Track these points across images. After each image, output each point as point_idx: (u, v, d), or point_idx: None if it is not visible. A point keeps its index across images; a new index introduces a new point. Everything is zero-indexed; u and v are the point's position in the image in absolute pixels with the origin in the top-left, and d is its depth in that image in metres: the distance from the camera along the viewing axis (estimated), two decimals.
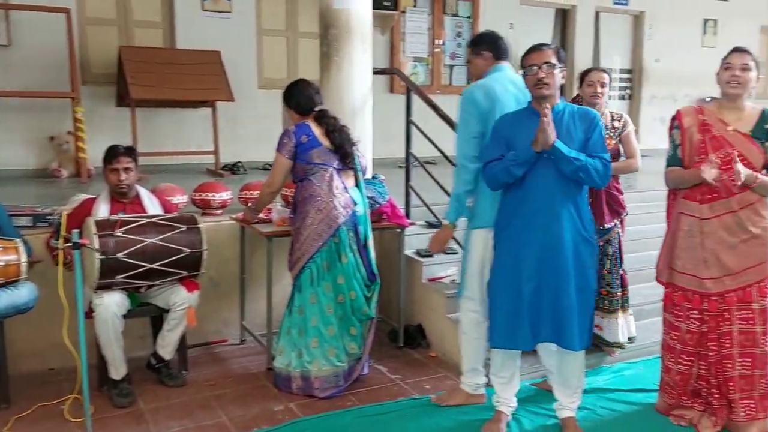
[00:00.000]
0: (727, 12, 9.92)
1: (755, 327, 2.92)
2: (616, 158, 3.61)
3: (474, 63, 3.30)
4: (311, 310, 3.40)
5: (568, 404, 3.02)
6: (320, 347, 3.40)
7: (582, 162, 2.72)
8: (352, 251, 3.44)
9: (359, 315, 3.48)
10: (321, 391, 3.38)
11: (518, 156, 2.76)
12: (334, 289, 3.43)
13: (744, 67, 2.85)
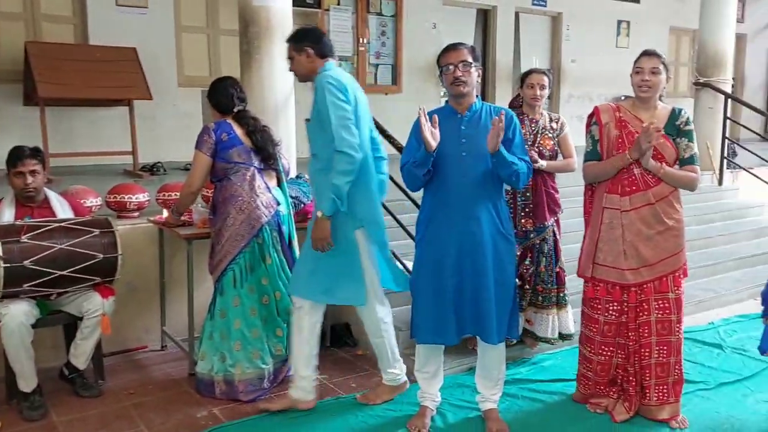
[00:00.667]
0: (639, 14, 10.40)
1: (671, 316, 3.07)
2: (554, 158, 3.71)
3: (297, 60, 3.09)
4: (234, 313, 3.34)
5: (490, 396, 3.09)
6: (244, 350, 3.34)
7: (518, 167, 2.80)
8: (276, 251, 3.40)
9: (284, 316, 3.44)
10: (245, 395, 3.32)
11: (416, 157, 2.81)
12: (258, 290, 3.38)
13: (654, 71, 2.99)
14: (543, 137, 3.64)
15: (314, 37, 3.07)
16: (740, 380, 3.57)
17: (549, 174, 3.67)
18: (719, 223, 6.39)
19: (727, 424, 3.09)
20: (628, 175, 3.02)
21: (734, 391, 3.45)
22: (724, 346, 4.09)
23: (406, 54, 8.20)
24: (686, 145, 3.05)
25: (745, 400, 3.35)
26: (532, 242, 3.65)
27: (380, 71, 8.15)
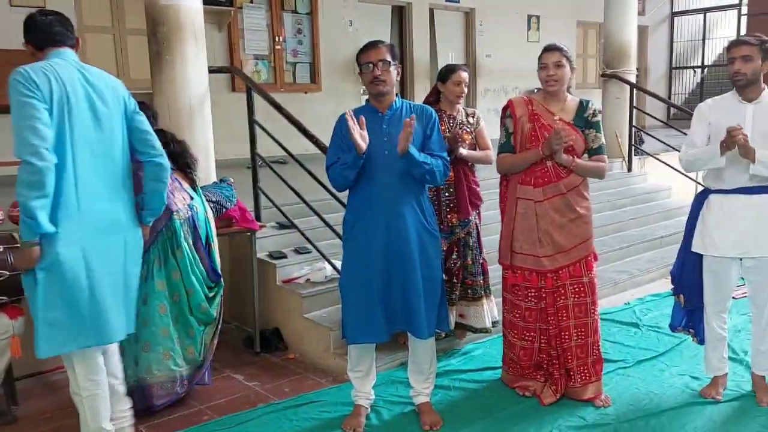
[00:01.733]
0: (548, 8, 10.75)
1: (586, 299, 3.20)
2: None
3: None
4: (143, 312, 3.14)
5: (422, 390, 3.12)
6: (153, 351, 3.18)
7: (430, 166, 2.82)
8: (187, 244, 3.24)
9: (198, 314, 3.31)
10: (157, 399, 3.18)
11: (346, 159, 2.79)
12: (169, 286, 3.22)
13: (557, 64, 3.10)
14: (461, 132, 3.69)
15: (27, 26, 2.56)
16: (656, 356, 3.76)
17: (470, 169, 3.73)
18: (630, 207, 6.70)
19: (646, 399, 3.24)
20: (541, 167, 3.13)
21: (651, 367, 3.63)
22: (640, 324, 4.30)
23: (324, 52, 8.15)
24: (594, 135, 3.18)
25: (662, 375, 3.53)
26: (457, 237, 3.70)
27: (298, 70, 8.06)
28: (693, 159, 3.05)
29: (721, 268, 3.11)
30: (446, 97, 3.69)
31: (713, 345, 3.23)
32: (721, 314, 3.20)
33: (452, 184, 3.64)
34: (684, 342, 3.86)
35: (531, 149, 3.13)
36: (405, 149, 2.72)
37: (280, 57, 7.86)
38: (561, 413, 3.12)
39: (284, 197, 4.39)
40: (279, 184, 4.32)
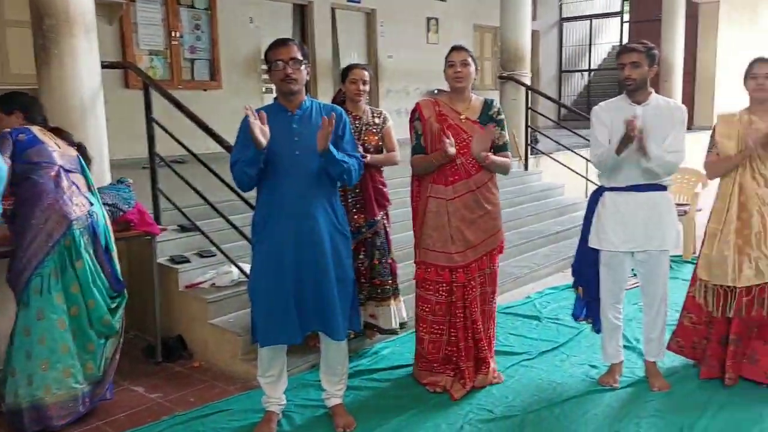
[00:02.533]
0: (446, 12, 11.01)
1: (487, 288, 3.37)
2: (379, 153, 3.76)
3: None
4: (39, 328, 2.94)
5: (335, 392, 3.09)
6: (53, 369, 2.97)
7: (347, 165, 2.80)
8: (88, 254, 3.06)
9: (99, 327, 3.12)
10: (57, 419, 2.97)
11: (245, 156, 2.72)
12: (67, 299, 3.01)
13: (464, 63, 3.20)
14: (367, 133, 3.70)
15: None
16: (557, 347, 3.94)
17: (376, 169, 3.74)
18: (527, 204, 6.98)
19: (550, 389, 3.38)
20: (451, 165, 3.22)
21: (553, 358, 3.79)
22: (540, 317, 4.49)
23: (224, 49, 7.92)
24: (500, 133, 3.30)
25: (563, 364, 3.69)
26: (364, 237, 3.70)
27: (197, 66, 7.78)
28: (602, 159, 3.21)
29: (615, 262, 3.30)
30: (348, 97, 3.68)
31: (609, 334, 3.42)
32: (616, 305, 3.39)
33: (358, 185, 3.64)
34: (582, 332, 4.06)
35: (440, 151, 3.19)
36: (325, 147, 2.69)
37: (177, 53, 7.55)
38: (471, 407, 3.19)
39: (186, 198, 4.22)
40: (180, 184, 4.15)
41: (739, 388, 3.27)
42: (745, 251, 3.19)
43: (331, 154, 2.73)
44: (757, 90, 3.19)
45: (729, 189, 3.25)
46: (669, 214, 3.25)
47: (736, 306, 3.22)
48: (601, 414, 3.11)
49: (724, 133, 3.29)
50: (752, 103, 3.26)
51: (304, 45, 2.91)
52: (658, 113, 3.17)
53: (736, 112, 3.31)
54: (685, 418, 3.02)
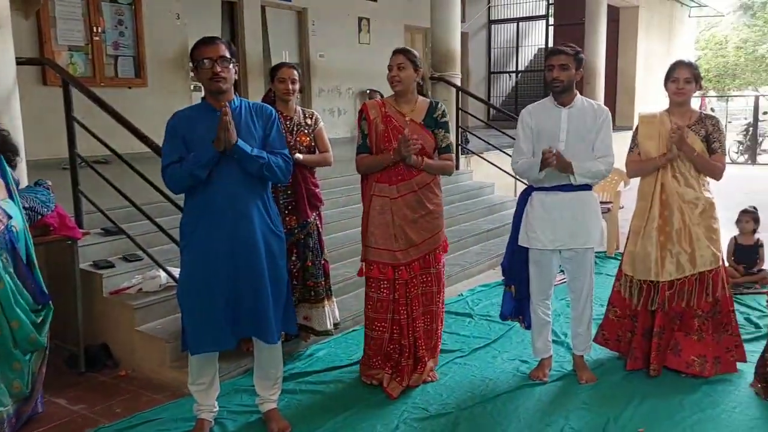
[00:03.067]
0: (377, 12, 11.04)
1: (432, 288, 3.41)
2: (313, 153, 3.72)
3: None
4: None
5: (269, 397, 3.04)
6: None
7: (265, 160, 2.74)
8: (8, 275, 2.89)
9: (25, 345, 2.96)
10: None
11: (200, 157, 2.65)
12: None
13: (400, 66, 3.23)
14: (299, 134, 3.66)
15: None
16: (489, 344, 4.01)
17: (309, 170, 3.71)
18: (459, 203, 7.10)
19: (483, 385, 3.44)
20: (395, 166, 3.26)
21: (485, 354, 3.86)
22: (473, 314, 4.56)
23: (150, 45, 7.66)
24: (443, 135, 3.35)
25: (495, 361, 3.77)
26: (296, 238, 3.65)
27: (121, 63, 7.49)
28: (522, 169, 3.32)
29: (544, 260, 3.39)
30: (278, 96, 3.64)
31: (539, 330, 3.51)
32: (545, 301, 3.49)
33: (290, 186, 3.59)
34: (513, 328, 4.15)
35: (384, 152, 3.24)
36: (228, 144, 2.62)
37: (99, 49, 7.24)
38: (406, 406, 3.20)
39: (110, 201, 4.07)
40: (103, 186, 3.99)
41: (663, 378, 3.42)
42: (666, 247, 3.34)
43: (240, 149, 2.66)
44: (677, 93, 3.34)
45: (651, 188, 3.39)
46: (594, 213, 3.37)
47: (659, 300, 3.37)
48: (532, 408, 3.18)
49: (645, 133, 3.43)
50: (672, 105, 3.41)
51: (231, 43, 2.85)
52: (583, 115, 3.28)
53: (656, 113, 3.46)
54: (612, 408, 3.14)
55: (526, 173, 3.31)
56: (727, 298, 3.44)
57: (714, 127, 3.35)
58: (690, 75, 3.30)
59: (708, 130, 3.34)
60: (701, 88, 3.47)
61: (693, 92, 3.37)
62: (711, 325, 3.39)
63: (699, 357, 3.39)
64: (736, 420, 3.01)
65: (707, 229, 3.34)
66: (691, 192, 3.33)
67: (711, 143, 3.33)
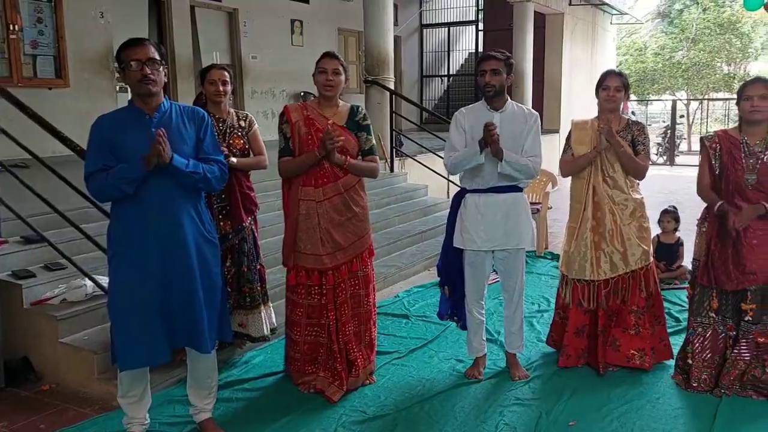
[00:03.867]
0: (310, 14, 10.97)
1: (360, 291, 3.40)
2: (247, 156, 3.66)
3: None
4: None
5: (204, 406, 2.97)
6: None
7: (201, 175, 2.68)
8: None
9: None
10: None
11: (128, 173, 2.56)
12: None
13: (335, 72, 3.22)
14: (233, 136, 3.59)
15: None
16: (426, 344, 4.05)
17: (243, 173, 3.65)
18: (394, 205, 7.15)
19: (420, 386, 3.47)
20: (320, 168, 3.23)
21: (422, 355, 3.90)
22: (410, 315, 4.60)
23: (71, 44, 7.33)
24: (366, 138, 3.36)
25: (432, 361, 3.81)
26: (231, 243, 3.58)
27: (40, 62, 7.14)
28: (456, 161, 3.35)
29: (478, 261, 3.46)
30: (209, 99, 3.56)
31: (474, 329, 3.57)
32: (480, 301, 3.55)
33: (224, 191, 3.52)
34: (449, 328, 4.21)
35: (308, 152, 3.19)
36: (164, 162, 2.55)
37: (17, 48, 6.89)
38: (344, 409, 3.20)
39: (30, 207, 3.88)
40: (22, 191, 3.79)
41: (592, 372, 3.55)
42: (600, 247, 3.47)
43: (176, 168, 2.59)
44: (608, 100, 3.48)
45: (583, 191, 3.52)
46: (525, 215, 3.46)
47: (597, 299, 3.50)
48: (468, 406, 3.24)
49: (578, 138, 3.56)
50: (602, 111, 3.55)
51: (160, 45, 2.76)
52: (514, 119, 3.36)
53: (588, 119, 3.60)
54: (544, 403, 3.23)
55: (461, 164, 3.33)
56: (659, 293, 3.61)
57: (639, 132, 3.52)
58: (620, 84, 3.45)
59: (634, 134, 3.50)
60: (629, 95, 3.63)
61: (622, 100, 3.52)
62: (647, 319, 3.54)
63: (638, 351, 3.53)
64: (660, 410, 3.16)
65: (638, 228, 3.49)
66: (620, 194, 3.48)
67: (636, 146, 3.48)
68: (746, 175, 3.10)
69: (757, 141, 3.14)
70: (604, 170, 3.49)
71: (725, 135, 3.25)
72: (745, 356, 3.20)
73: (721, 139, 3.23)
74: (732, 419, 3.03)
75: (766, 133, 3.15)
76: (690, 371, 3.33)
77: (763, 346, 3.17)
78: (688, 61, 19.85)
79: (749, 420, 3.02)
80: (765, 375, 3.17)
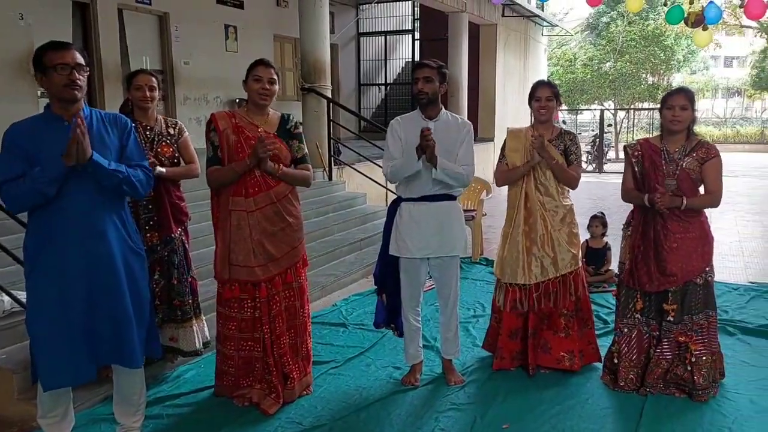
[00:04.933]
0: (245, 20, 10.82)
1: (296, 302, 3.35)
2: (177, 164, 3.55)
3: None
4: None
5: (132, 425, 2.87)
6: None
7: (124, 174, 2.59)
8: None
9: None
10: None
11: (48, 172, 2.44)
12: None
13: (271, 81, 3.19)
14: (161, 144, 3.49)
15: None
16: (363, 352, 4.04)
17: (172, 182, 3.55)
18: (333, 213, 7.12)
19: (357, 394, 3.45)
20: (251, 177, 3.17)
21: (359, 363, 3.88)
22: (347, 323, 4.58)
23: None
24: (298, 146, 3.33)
25: (369, 369, 3.80)
26: (160, 255, 3.48)
27: None
28: (396, 170, 3.36)
29: (413, 268, 3.47)
30: (135, 105, 3.46)
31: (410, 336, 3.58)
32: (416, 308, 3.57)
33: (152, 200, 3.41)
34: (386, 336, 4.21)
35: (238, 161, 3.13)
36: (82, 157, 2.44)
37: None
38: (280, 422, 3.14)
39: None
40: None
41: (525, 375, 3.62)
42: (532, 252, 3.55)
43: (97, 164, 2.50)
44: (540, 110, 3.56)
45: (517, 197, 3.60)
46: (459, 222, 3.50)
47: (529, 302, 3.57)
48: (404, 413, 3.24)
49: (512, 146, 3.64)
50: (535, 121, 3.63)
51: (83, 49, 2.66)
52: (448, 128, 3.40)
53: (522, 128, 3.68)
54: (479, 407, 3.28)
55: (401, 172, 3.34)
56: (587, 297, 3.71)
57: (571, 142, 3.62)
58: (551, 94, 3.55)
59: (566, 144, 3.60)
60: (561, 105, 3.74)
61: (554, 109, 3.61)
62: (575, 322, 3.64)
63: (568, 353, 3.62)
64: (589, 409, 3.24)
65: (568, 234, 3.59)
66: (551, 201, 3.57)
67: (568, 156, 3.58)
68: (667, 181, 3.24)
69: (676, 148, 3.29)
70: (536, 178, 3.58)
71: (647, 143, 3.39)
72: (668, 355, 3.33)
73: (643, 147, 3.37)
74: (656, 417, 3.14)
75: (685, 140, 3.30)
76: (617, 371, 3.45)
77: (684, 345, 3.30)
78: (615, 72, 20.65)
79: (672, 416, 3.14)
80: (686, 373, 3.30)
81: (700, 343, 3.29)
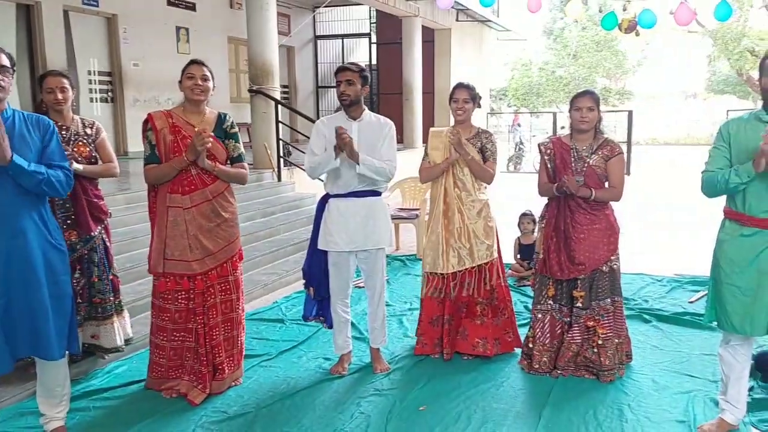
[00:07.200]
0: (197, 22, 10.85)
1: (232, 296, 3.46)
2: (94, 164, 3.59)
3: None
4: None
5: (55, 415, 2.93)
6: None
7: (44, 176, 2.65)
8: None
9: None
10: None
11: None
12: None
13: (204, 77, 3.29)
14: (77, 144, 3.52)
15: None
16: (297, 345, 4.15)
17: (89, 181, 3.58)
18: (280, 214, 7.21)
19: (285, 384, 3.56)
20: (187, 175, 3.27)
21: (291, 356, 3.99)
22: (285, 319, 4.68)
23: None
24: (234, 145, 3.44)
25: (300, 360, 3.91)
26: (79, 254, 3.52)
27: None
28: (315, 165, 3.50)
29: (341, 261, 3.61)
30: (49, 107, 3.48)
31: (339, 328, 3.71)
32: (345, 300, 3.70)
33: (69, 199, 3.44)
34: (321, 330, 4.32)
35: (175, 158, 3.23)
36: (3, 156, 2.51)
37: None
38: (205, 411, 3.24)
39: None
40: None
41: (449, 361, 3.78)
42: (450, 243, 3.72)
43: (17, 165, 2.56)
44: (456, 112, 3.75)
45: (438, 192, 3.77)
46: (384, 217, 3.65)
47: (446, 290, 3.74)
48: (328, 399, 3.37)
49: (433, 145, 3.81)
50: (455, 122, 3.82)
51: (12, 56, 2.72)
52: (371, 128, 3.56)
53: (443, 128, 3.85)
54: (400, 391, 3.43)
55: (319, 168, 3.48)
56: (503, 288, 3.89)
57: (487, 140, 3.80)
58: (468, 96, 3.73)
59: (483, 142, 3.78)
60: (480, 106, 3.93)
61: (472, 110, 3.79)
62: (490, 310, 3.82)
63: (481, 339, 3.80)
64: (503, 392, 3.42)
65: (484, 227, 3.77)
66: (468, 195, 3.75)
67: (485, 153, 3.76)
68: (575, 177, 3.43)
69: (584, 147, 3.49)
70: (455, 174, 3.75)
71: (558, 141, 3.59)
72: (577, 339, 3.52)
73: (555, 145, 3.57)
74: (563, 396, 3.33)
75: (592, 139, 3.50)
76: (532, 355, 3.63)
77: (593, 329, 3.50)
78: (569, 75, 21.21)
79: (578, 395, 3.33)
80: (594, 355, 3.50)
81: (606, 326, 3.49)
